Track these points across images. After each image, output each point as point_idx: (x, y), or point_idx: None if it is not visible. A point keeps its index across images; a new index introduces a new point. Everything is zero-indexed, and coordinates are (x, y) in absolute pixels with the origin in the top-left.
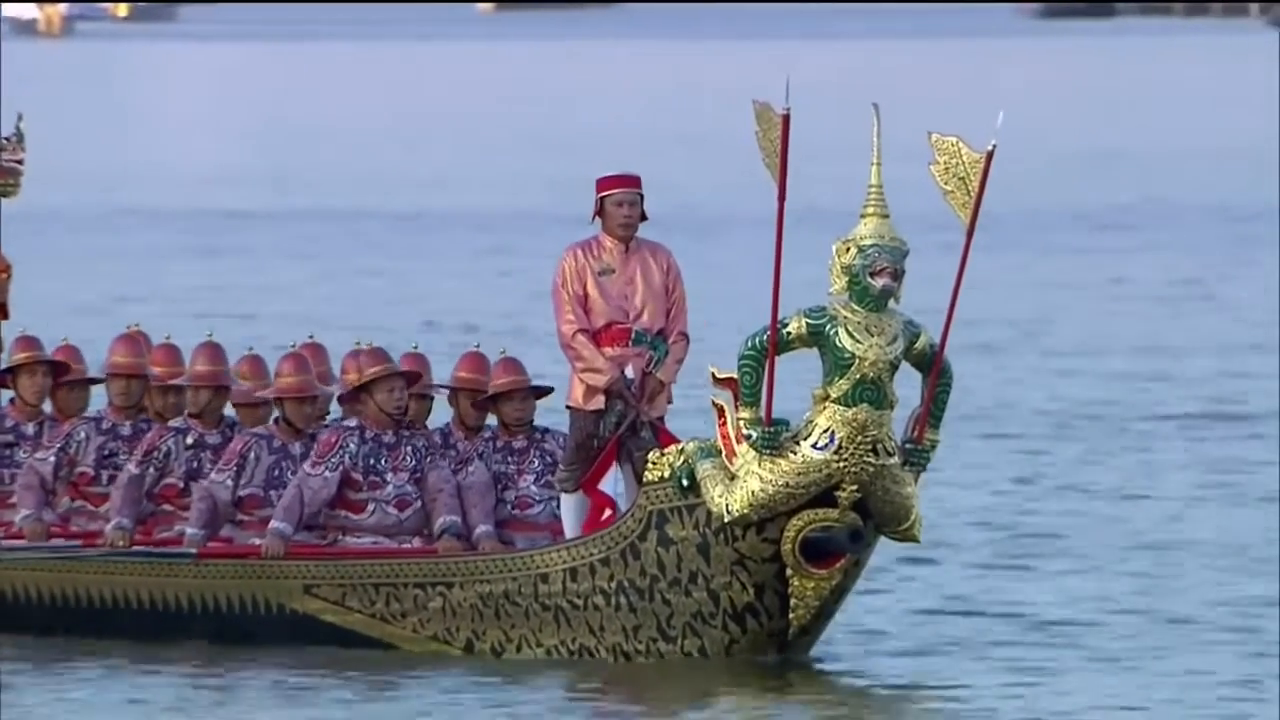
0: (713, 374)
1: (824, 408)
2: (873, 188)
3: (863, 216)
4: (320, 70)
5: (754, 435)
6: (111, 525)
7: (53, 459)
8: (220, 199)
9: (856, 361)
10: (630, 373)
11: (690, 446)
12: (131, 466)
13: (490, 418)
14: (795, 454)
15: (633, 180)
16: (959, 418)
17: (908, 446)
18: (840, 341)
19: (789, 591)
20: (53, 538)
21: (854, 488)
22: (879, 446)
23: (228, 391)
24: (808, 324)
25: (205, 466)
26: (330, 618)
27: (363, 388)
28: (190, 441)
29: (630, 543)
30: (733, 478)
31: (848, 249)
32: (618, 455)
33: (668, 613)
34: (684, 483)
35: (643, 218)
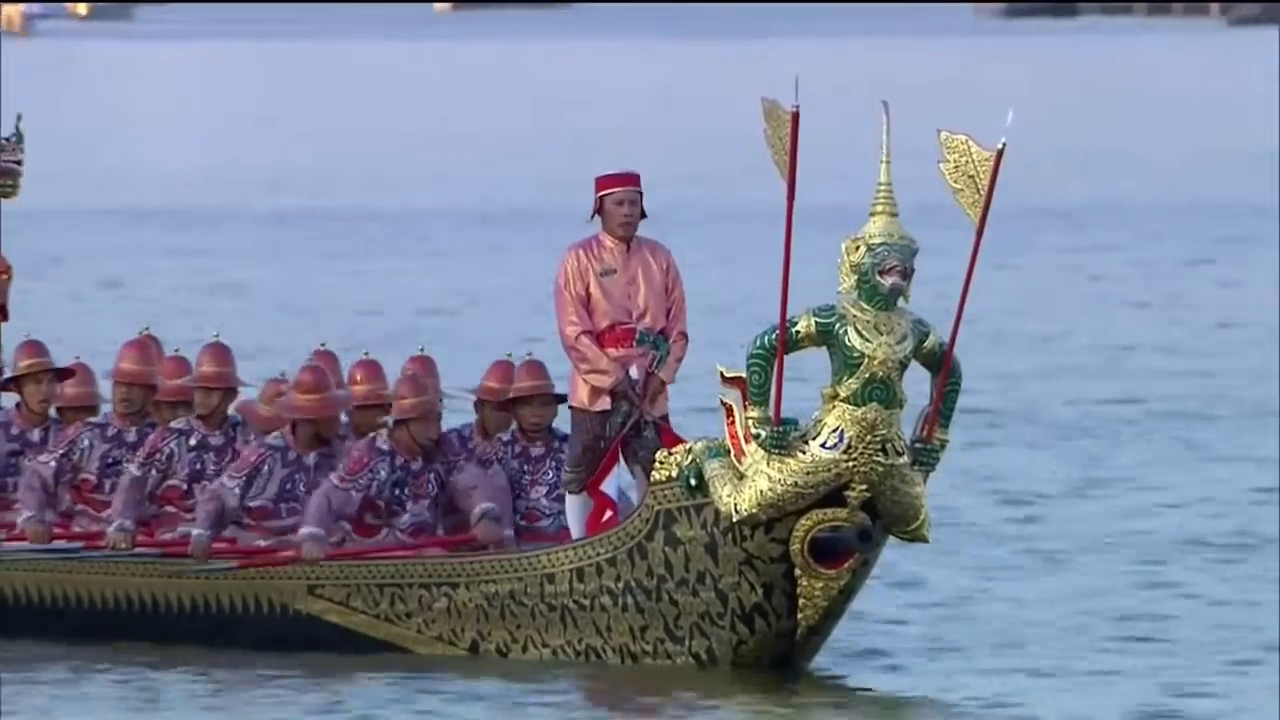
0: (721, 373)
1: (833, 407)
2: (882, 185)
3: (872, 215)
4: (277, 69)
5: (763, 434)
6: (114, 527)
7: (54, 463)
8: (184, 197)
9: (866, 360)
10: (634, 373)
11: (698, 446)
12: (133, 468)
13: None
14: (804, 453)
15: (632, 178)
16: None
17: (917, 446)
18: (849, 340)
19: (797, 592)
20: (55, 539)
21: (863, 487)
22: (888, 446)
23: (235, 393)
24: (817, 323)
25: (208, 468)
26: (334, 618)
27: (400, 421)
28: (193, 443)
29: (637, 543)
30: (741, 477)
31: (857, 247)
32: (624, 456)
33: (675, 613)
34: (691, 482)
35: (642, 215)
